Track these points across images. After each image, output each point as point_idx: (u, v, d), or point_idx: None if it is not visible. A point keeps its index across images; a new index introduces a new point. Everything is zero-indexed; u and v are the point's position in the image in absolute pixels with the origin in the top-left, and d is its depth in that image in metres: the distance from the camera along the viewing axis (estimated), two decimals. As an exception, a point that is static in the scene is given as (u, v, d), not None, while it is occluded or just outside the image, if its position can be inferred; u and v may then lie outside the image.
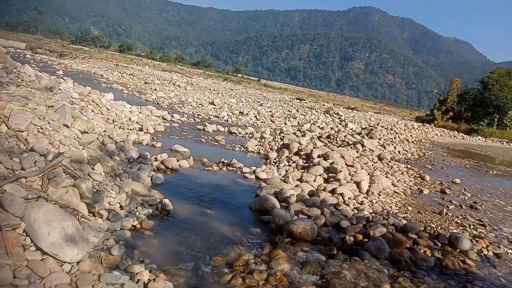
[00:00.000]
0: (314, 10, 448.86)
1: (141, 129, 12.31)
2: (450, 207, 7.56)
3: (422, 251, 5.10)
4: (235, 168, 8.87)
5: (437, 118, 39.21)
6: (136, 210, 5.06)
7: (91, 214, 4.26)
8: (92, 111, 11.58)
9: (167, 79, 38.06)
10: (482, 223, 6.79)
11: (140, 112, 14.83)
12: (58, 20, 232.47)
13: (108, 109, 12.72)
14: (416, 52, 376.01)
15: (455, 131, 31.71)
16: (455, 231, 5.97)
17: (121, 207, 4.94)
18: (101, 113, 11.97)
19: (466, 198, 8.71)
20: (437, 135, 25.93)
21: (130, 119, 13.08)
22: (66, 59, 46.40)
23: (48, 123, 5.28)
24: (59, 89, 10.95)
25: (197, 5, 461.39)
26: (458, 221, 6.64)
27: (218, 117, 19.38)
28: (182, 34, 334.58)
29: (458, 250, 5.24)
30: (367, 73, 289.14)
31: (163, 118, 15.44)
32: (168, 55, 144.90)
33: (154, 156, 8.03)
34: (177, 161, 8.04)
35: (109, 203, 4.74)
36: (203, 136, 13.24)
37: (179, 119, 16.00)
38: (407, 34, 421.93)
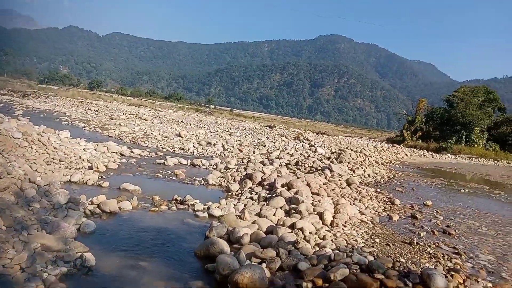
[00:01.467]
0: (282, 40, 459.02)
1: (90, 168, 11.34)
2: (422, 235, 6.86)
3: (390, 295, 4.33)
4: (187, 206, 7.97)
5: (406, 138, 39.48)
6: (44, 270, 4.11)
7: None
8: (37, 151, 10.68)
9: (133, 113, 37.10)
10: (457, 251, 6.11)
11: (95, 149, 13.92)
12: (26, 60, 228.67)
13: (56, 148, 11.76)
14: (383, 76, 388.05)
15: (425, 150, 31.85)
16: (427, 265, 5.24)
17: (22, 269, 3.97)
18: (47, 153, 11.04)
19: (438, 222, 8.07)
20: (407, 155, 25.81)
21: (80, 157, 12.13)
22: (30, 98, 45.24)
23: None
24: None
25: (167, 40, 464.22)
26: (431, 251, 5.93)
27: (183, 149, 18.57)
28: (153, 69, 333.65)
29: (431, 290, 4.49)
30: (337, 98, 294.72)
31: (120, 154, 14.57)
32: (139, 90, 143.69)
33: (90, 199, 7.06)
34: (118, 202, 7.09)
35: (3, 266, 3.77)
36: (161, 171, 12.35)
37: (139, 154, 15.14)
38: (372, 59, 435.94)
